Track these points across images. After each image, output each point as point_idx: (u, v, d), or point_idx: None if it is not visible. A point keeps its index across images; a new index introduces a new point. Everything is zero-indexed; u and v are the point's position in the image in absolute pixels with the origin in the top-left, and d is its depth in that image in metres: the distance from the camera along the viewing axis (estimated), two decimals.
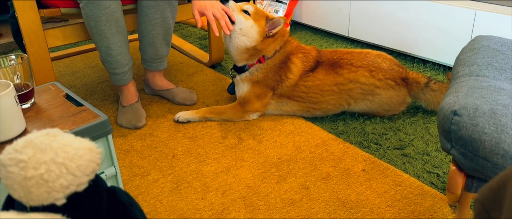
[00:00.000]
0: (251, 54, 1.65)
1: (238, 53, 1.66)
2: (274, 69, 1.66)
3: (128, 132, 1.64)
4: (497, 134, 0.79)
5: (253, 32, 1.61)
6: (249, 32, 1.61)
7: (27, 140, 0.55)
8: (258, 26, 1.61)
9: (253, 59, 1.67)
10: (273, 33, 1.62)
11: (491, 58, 1.05)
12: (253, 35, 1.61)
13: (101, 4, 1.46)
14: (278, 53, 1.67)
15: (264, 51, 1.65)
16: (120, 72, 1.65)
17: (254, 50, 1.64)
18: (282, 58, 1.66)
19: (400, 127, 1.62)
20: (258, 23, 1.61)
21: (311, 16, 2.69)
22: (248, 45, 1.63)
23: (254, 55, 1.66)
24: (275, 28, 1.62)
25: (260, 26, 1.61)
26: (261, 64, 1.67)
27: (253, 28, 1.61)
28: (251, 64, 1.68)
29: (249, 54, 1.65)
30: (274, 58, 1.66)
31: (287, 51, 1.67)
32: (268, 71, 1.66)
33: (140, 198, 1.29)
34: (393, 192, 1.27)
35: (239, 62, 1.69)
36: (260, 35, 1.62)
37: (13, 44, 2.56)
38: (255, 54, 1.65)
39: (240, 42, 1.62)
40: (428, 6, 2.06)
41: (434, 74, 2.06)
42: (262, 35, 1.62)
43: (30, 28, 1.57)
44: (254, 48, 1.63)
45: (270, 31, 1.62)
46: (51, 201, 0.53)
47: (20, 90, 1.06)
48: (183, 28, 2.88)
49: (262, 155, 1.48)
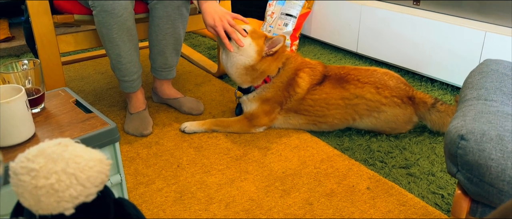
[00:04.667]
0: (254, 76, 1.64)
1: (238, 75, 1.65)
2: (282, 87, 1.67)
3: (134, 139, 1.65)
4: (504, 160, 0.79)
5: (251, 50, 1.61)
6: (247, 51, 1.61)
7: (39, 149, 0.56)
8: (256, 45, 1.61)
9: (257, 81, 1.67)
10: (274, 52, 1.62)
11: (500, 83, 1.06)
12: (251, 53, 1.61)
13: (114, 12, 1.48)
14: (282, 70, 1.67)
15: (267, 71, 1.65)
16: (129, 80, 1.66)
17: (254, 70, 1.63)
18: (289, 74, 1.67)
19: (406, 146, 1.62)
20: (256, 42, 1.61)
21: (321, 30, 2.71)
22: (247, 64, 1.62)
23: (258, 78, 1.66)
24: (275, 47, 1.62)
25: (258, 45, 1.61)
26: (267, 84, 1.68)
27: (251, 46, 1.61)
28: (257, 86, 1.69)
29: (251, 77, 1.65)
30: (281, 76, 1.67)
31: (293, 67, 1.68)
32: (277, 89, 1.67)
33: (143, 207, 1.30)
34: (397, 211, 1.27)
35: (243, 85, 1.69)
36: (258, 54, 1.61)
37: (24, 47, 2.59)
38: (258, 76, 1.65)
39: (238, 61, 1.62)
40: (437, 26, 2.06)
41: (441, 94, 2.06)
42: (260, 54, 1.61)
43: (43, 33, 1.59)
44: (253, 68, 1.62)
45: (271, 50, 1.62)
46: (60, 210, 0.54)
47: (31, 95, 1.08)
48: (192, 37, 2.91)
49: (267, 168, 1.48)
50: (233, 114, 1.84)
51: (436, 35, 2.08)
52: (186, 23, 1.71)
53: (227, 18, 1.55)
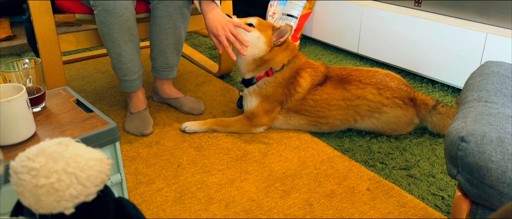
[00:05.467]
0: (258, 64, 1.67)
1: (246, 64, 1.68)
2: (283, 84, 1.67)
3: (135, 139, 1.65)
4: (504, 162, 0.79)
5: (260, 42, 1.63)
6: (256, 43, 1.63)
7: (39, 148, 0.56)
8: (265, 36, 1.64)
9: (260, 71, 1.68)
10: (282, 42, 1.65)
11: (501, 85, 1.05)
12: (260, 45, 1.64)
13: (115, 12, 1.48)
14: (286, 67, 1.68)
15: (271, 62, 1.66)
16: (130, 79, 1.66)
17: (261, 60, 1.66)
18: (291, 73, 1.67)
19: (406, 147, 1.62)
20: (264, 33, 1.64)
21: (322, 31, 2.71)
22: (256, 55, 1.65)
23: (261, 66, 1.67)
24: (283, 37, 1.64)
25: (266, 36, 1.64)
26: (269, 77, 1.68)
27: (260, 38, 1.63)
28: (258, 77, 1.69)
29: (256, 65, 1.67)
30: (283, 73, 1.67)
31: (296, 66, 1.68)
32: (277, 86, 1.68)
33: (143, 206, 1.30)
34: (397, 213, 1.27)
35: (247, 74, 1.71)
36: (267, 45, 1.64)
37: (26, 46, 2.60)
38: (262, 64, 1.67)
39: (248, 53, 1.64)
40: (438, 27, 2.06)
41: (442, 95, 2.06)
42: (270, 44, 1.64)
43: (44, 32, 1.59)
44: (261, 59, 1.65)
45: (278, 40, 1.65)
46: (60, 210, 0.54)
47: (32, 94, 1.08)
48: (193, 37, 2.91)
49: (267, 168, 1.48)
50: (233, 114, 1.84)
51: (437, 36, 2.08)
52: (188, 23, 1.72)
53: (229, 27, 1.56)
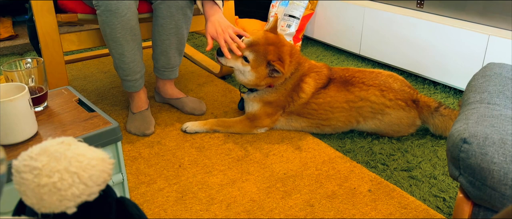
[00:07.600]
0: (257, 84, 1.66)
1: (242, 83, 1.69)
2: (286, 93, 1.67)
3: (136, 139, 1.65)
4: (506, 164, 0.78)
5: (251, 77, 1.63)
6: (248, 75, 1.63)
7: (42, 147, 0.56)
8: (255, 72, 1.61)
9: (261, 87, 1.68)
10: (275, 76, 1.62)
11: (503, 87, 1.05)
12: (251, 78, 1.63)
13: (117, 12, 1.48)
14: (289, 79, 1.67)
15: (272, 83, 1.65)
16: (132, 79, 1.67)
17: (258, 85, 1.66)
18: (294, 81, 1.67)
19: (408, 149, 1.61)
20: (255, 70, 1.60)
21: (323, 32, 2.71)
22: (248, 84, 1.65)
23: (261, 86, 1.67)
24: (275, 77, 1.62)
25: (257, 72, 1.61)
26: (271, 88, 1.68)
27: (251, 73, 1.62)
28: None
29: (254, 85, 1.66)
30: (286, 84, 1.67)
31: (300, 74, 1.67)
32: (280, 95, 1.67)
33: (145, 206, 1.30)
34: (399, 214, 1.27)
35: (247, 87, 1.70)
36: (258, 79, 1.62)
37: (28, 46, 2.60)
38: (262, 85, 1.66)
39: (240, 78, 1.66)
40: (441, 28, 2.06)
41: (444, 97, 2.06)
42: (262, 78, 1.62)
43: (47, 32, 1.59)
44: (256, 84, 1.65)
45: (273, 75, 1.61)
46: (62, 209, 0.54)
47: (34, 93, 1.08)
48: (195, 37, 2.91)
49: (268, 169, 1.48)
50: (235, 114, 1.84)
51: (439, 38, 2.08)
52: (190, 23, 1.72)
53: (229, 32, 1.56)
